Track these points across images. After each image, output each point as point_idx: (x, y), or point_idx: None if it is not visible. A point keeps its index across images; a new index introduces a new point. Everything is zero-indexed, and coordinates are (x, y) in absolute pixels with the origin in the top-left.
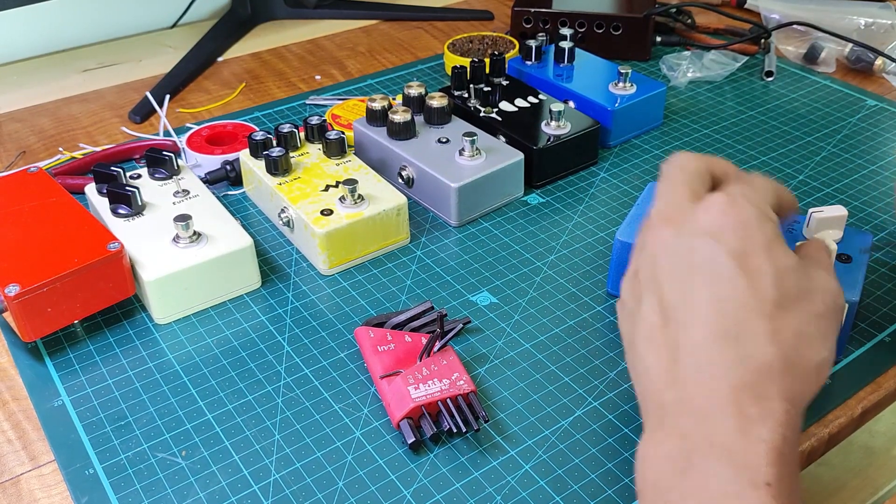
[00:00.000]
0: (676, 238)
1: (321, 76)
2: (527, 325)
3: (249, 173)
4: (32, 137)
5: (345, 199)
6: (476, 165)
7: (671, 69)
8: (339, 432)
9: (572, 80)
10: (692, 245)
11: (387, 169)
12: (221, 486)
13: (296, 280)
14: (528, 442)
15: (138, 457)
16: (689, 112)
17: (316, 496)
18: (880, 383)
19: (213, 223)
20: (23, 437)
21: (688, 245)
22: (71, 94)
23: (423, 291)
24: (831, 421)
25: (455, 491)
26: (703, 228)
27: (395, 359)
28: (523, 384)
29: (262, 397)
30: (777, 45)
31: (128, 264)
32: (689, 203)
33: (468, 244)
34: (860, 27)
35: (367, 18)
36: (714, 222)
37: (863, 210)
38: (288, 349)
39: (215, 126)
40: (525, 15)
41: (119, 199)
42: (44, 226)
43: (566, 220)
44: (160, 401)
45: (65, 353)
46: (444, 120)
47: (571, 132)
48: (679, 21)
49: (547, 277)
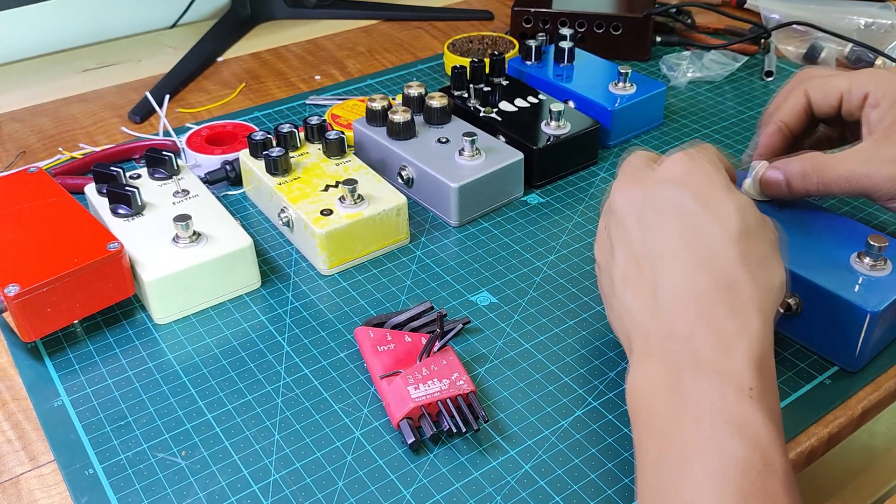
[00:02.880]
0: (642, 190)
1: (321, 76)
2: (527, 325)
3: (249, 173)
4: (32, 137)
5: (345, 199)
6: (476, 165)
7: (671, 69)
8: (339, 432)
9: (572, 80)
10: (659, 191)
11: (387, 169)
12: (221, 486)
13: (296, 280)
14: (528, 442)
15: (138, 457)
16: (689, 112)
17: (316, 496)
18: (880, 383)
19: (212, 223)
20: (23, 437)
21: (654, 192)
22: (71, 94)
23: (423, 291)
24: (831, 421)
25: (455, 491)
26: (667, 177)
27: (394, 359)
28: (523, 384)
29: (261, 397)
30: (777, 45)
31: (127, 264)
32: (647, 167)
33: (468, 244)
34: (860, 27)
35: (367, 18)
36: (676, 171)
37: (863, 210)
38: (288, 349)
39: (215, 126)
40: (525, 15)
41: (119, 199)
42: (44, 226)
43: (566, 220)
44: (160, 401)
45: (65, 353)
46: (444, 120)
47: (571, 132)
48: (679, 21)
49: (547, 277)
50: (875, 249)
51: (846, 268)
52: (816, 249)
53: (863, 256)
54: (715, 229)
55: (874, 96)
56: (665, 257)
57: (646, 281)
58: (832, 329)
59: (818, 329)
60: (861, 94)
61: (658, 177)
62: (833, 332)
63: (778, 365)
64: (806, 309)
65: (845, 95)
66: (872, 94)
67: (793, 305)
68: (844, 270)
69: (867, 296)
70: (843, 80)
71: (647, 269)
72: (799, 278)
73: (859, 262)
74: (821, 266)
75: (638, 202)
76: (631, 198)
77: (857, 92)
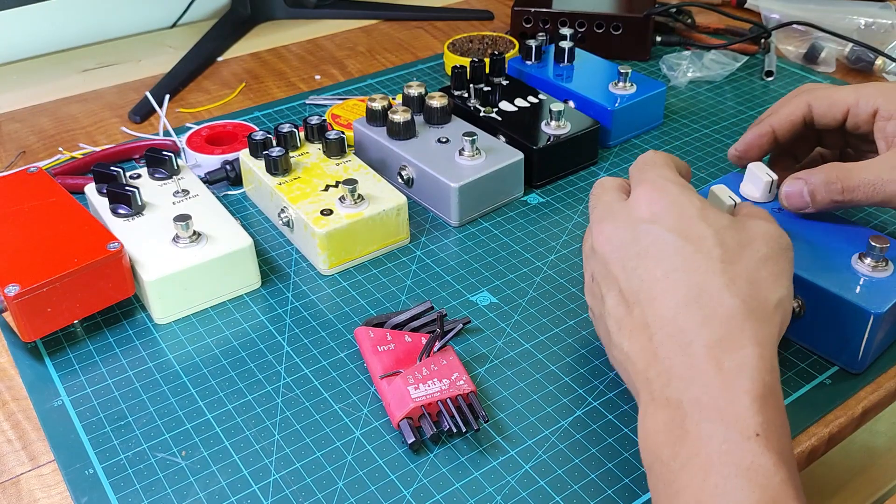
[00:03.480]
0: (619, 232)
1: (321, 76)
2: (527, 325)
3: (249, 173)
4: (32, 137)
5: (345, 199)
6: (476, 165)
7: (671, 69)
8: (339, 432)
9: (572, 80)
10: (635, 234)
11: (387, 169)
12: (221, 486)
13: (296, 280)
14: (528, 442)
15: (138, 457)
16: (689, 112)
17: (316, 496)
18: (880, 383)
19: (212, 223)
20: (23, 437)
21: (631, 235)
22: (71, 94)
23: (423, 291)
24: (831, 421)
25: (455, 491)
26: (640, 217)
27: (394, 359)
28: (523, 384)
29: (261, 397)
30: (777, 45)
31: (128, 264)
32: (619, 203)
33: (468, 244)
34: (860, 27)
35: (367, 18)
36: (647, 209)
37: (863, 210)
38: (288, 349)
39: (215, 126)
40: (525, 15)
41: (119, 199)
42: (44, 226)
43: (566, 220)
44: (160, 401)
45: (65, 353)
46: (444, 120)
47: (571, 132)
48: (679, 21)
49: (547, 277)
50: (876, 250)
51: (848, 269)
52: (817, 251)
53: (864, 257)
54: (696, 261)
55: (886, 109)
56: (653, 298)
57: (638, 324)
58: (834, 331)
59: (820, 331)
60: (870, 108)
61: (631, 216)
62: (835, 334)
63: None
64: (808, 311)
65: (852, 108)
66: (883, 107)
67: (795, 308)
68: (846, 272)
69: (869, 297)
70: (848, 92)
71: (637, 311)
72: (800, 280)
73: (861, 263)
74: (822, 268)
75: (616, 246)
76: (609, 242)
77: (866, 106)
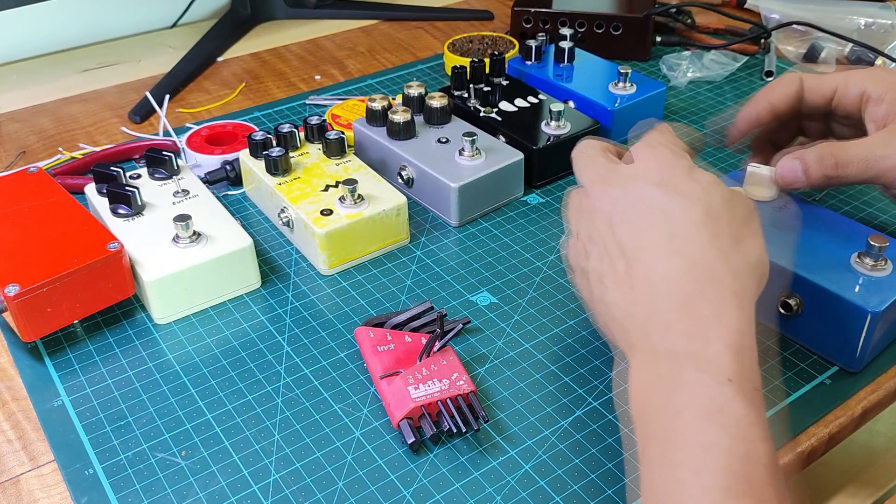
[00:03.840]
0: (608, 190)
1: (321, 76)
2: (527, 325)
3: (249, 173)
4: (32, 137)
5: (345, 199)
6: (476, 165)
7: (671, 69)
8: (339, 432)
9: (572, 80)
10: (624, 190)
11: (387, 169)
12: (221, 486)
13: (296, 280)
14: (528, 442)
15: (138, 457)
16: (689, 112)
17: (316, 496)
18: (880, 383)
19: (212, 223)
20: (23, 437)
21: (620, 192)
22: (71, 94)
23: (423, 291)
24: (831, 421)
25: (455, 491)
26: (629, 174)
27: (394, 359)
28: (523, 384)
29: (261, 397)
30: (777, 45)
31: (127, 264)
32: (609, 164)
33: (468, 244)
34: (860, 27)
35: (367, 18)
36: (637, 167)
37: (863, 210)
38: (288, 349)
39: (215, 126)
40: (525, 15)
41: (119, 199)
42: (44, 226)
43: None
44: (160, 401)
45: (64, 353)
46: (444, 120)
47: (571, 132)
48: (679, 21)
49: (547, 277)
50: (875, 249)
51: (847, 268)
52: (817, 249)
53: (863, 256)
54: (681, 214)
55: (875, 93)
56: (638, 251)
57: (621, 277)
58: (833, 329)
59: (819, 329)
60: (858, 91)
61: (621, 175)
62: (834, 333)
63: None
64: (806, 309)
65: (840, 88)
66: (872, 91)
67: (793, 306)
68: (845, 271)
69: (868, 296)
70: (837, 75)
71: (621, 265)
72: (799, 278)
73: (860, 262)
74: (821, 266)
75: (605, 203)
76: (598, 199)
77: (854, 89)
